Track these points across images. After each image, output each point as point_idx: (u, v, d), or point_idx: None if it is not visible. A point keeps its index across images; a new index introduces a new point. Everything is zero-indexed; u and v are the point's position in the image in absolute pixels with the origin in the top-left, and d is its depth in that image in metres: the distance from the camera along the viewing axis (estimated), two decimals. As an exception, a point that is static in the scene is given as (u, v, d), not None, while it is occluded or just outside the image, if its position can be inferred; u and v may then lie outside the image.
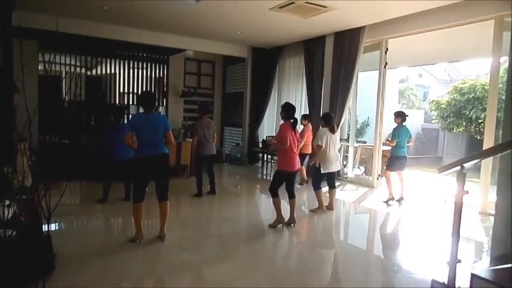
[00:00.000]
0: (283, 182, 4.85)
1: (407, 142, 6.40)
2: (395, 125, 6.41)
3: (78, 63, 9.62)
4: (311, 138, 7.17)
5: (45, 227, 2.89)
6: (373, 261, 4.03)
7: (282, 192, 4.80)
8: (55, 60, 8.99)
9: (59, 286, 2.87)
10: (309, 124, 7.62)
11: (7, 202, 2.61)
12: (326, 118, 5.78)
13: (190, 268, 3.58)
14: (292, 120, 4.76)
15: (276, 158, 7.79)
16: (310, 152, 7.35)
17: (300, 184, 7.73)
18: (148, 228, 5.08)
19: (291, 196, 4.91)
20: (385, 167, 6.53)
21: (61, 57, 9.16)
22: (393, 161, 6.39)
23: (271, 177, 4.84)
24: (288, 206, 4.96)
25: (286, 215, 4.91)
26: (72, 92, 8.89)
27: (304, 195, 6.93)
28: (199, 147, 6.31)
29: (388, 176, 6.42)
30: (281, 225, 4.84)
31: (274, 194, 4.78)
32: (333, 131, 5.68)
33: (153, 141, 4.07)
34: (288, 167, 4.76)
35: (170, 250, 4.14)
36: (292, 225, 4.87)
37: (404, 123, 6.36)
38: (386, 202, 6.37)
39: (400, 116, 6.38)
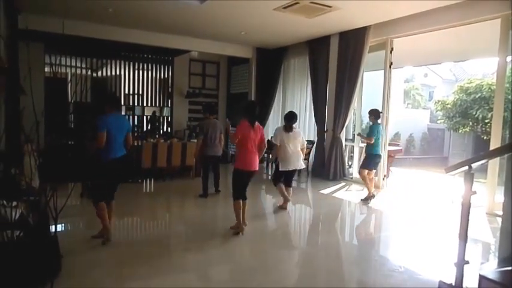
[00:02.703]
0: (242, 182, 4.60)
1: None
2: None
3: (83, 65, 9.69)
4: None
5: (52, 228, 2.92)
6: (379, 262, 4.01)
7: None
8: (61, 62, 9.07)
9: (65, 287, 2.88)
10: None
11: (14, 203, 2.63)
12: (285, 117, 5.72)
13: (193, 268, 3.58)
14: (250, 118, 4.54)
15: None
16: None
17: None
18: (154, 228, 5.10)
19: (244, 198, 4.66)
20: (361, 166, 6.51)
21: (66, 60, 9.23)
22: (371, 159, 6.40)
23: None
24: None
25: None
26: (78, 93, 8.97)
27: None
28: (203, 147, 6.31)
29: (364, 175, 6.40)
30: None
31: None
32: (287, 129, 5.50)
33: (120, 143, 4.07)
34: (243, 166, 4.54)
35: (174, 250, 4.15)
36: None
37: (379, 121, 6.37)
38: (366, 200, 6.36)
39: (373, 113, 6.38)
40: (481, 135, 15.22)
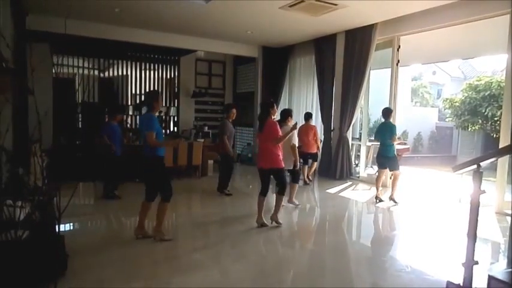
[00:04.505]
0: (260, 178, 4.88)
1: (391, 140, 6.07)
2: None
3: (91, 66, 9.77)
4: (312, 136, 7.30)
5: (58, 227, 2.93)
6: (386, 262, 3.97)
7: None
8: (68, 62, 9.14)
9: (70, 286, 2.89)
10: (309, 123, 7.50)
11: (20, 203, 2.64)
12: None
13: (200, 268, 3.57)
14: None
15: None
16: (313, 151, 7.36)
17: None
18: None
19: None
20: None
21: (73, 60, 9.29)
22: (376, 158, 6.48)
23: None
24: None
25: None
26: (85, 93, 9.06)
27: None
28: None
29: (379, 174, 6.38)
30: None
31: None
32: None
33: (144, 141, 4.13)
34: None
35: (181, 250, 4.15)
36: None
37: (389, 120, 6.17)
38: (375, 200, 6.29)
39: (382, 113, 6.32)
40: (490, 133, 15.03)
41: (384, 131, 6.13)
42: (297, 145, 5.49)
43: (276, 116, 5.10)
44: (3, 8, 4.65)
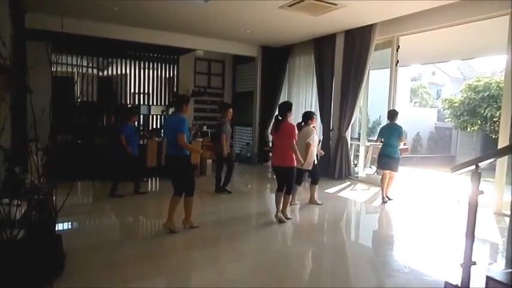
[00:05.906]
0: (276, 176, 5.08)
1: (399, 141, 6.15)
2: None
3: (90, 65, 9.73)
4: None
5: (55, 226, 2.91)
6: (384, 262, 3.96)
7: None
8: (67, 61, 9.11)
9: (68, 286, 2.88)
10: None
11: (16, 202, 2.63)
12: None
13: (199, 267, 3.57)
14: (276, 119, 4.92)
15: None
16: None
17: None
18: (158, 226, 5.09)
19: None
20: None
21: (72, 59, 9.26)
22: (378, 159, 6.45)
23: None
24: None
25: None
26: (85, 92, 9.03)
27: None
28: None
29: (381, 175, 6.40)
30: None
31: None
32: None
33: (171, 141, 4.43)
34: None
35: (180, 249, 4.14)
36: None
37: (395, 121, 6.23)
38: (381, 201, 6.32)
39: (388, 115, 6.41)
40: (489, 133, 15.05)
41: (391, 131, 6.17)
42: (313, 144, 5.47)
43: (292, 119, 5.10)
44: (2, 8, 4.64)
